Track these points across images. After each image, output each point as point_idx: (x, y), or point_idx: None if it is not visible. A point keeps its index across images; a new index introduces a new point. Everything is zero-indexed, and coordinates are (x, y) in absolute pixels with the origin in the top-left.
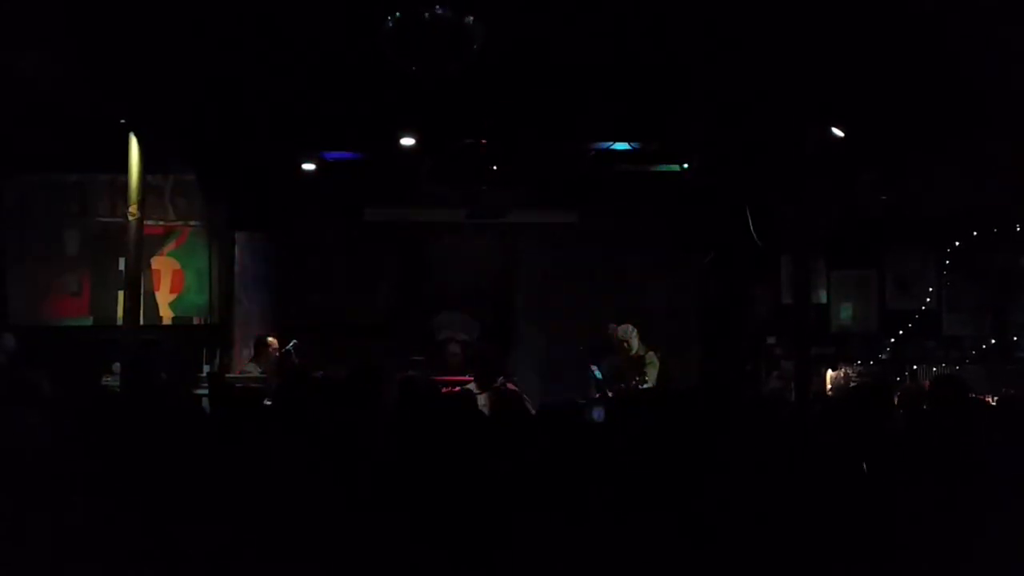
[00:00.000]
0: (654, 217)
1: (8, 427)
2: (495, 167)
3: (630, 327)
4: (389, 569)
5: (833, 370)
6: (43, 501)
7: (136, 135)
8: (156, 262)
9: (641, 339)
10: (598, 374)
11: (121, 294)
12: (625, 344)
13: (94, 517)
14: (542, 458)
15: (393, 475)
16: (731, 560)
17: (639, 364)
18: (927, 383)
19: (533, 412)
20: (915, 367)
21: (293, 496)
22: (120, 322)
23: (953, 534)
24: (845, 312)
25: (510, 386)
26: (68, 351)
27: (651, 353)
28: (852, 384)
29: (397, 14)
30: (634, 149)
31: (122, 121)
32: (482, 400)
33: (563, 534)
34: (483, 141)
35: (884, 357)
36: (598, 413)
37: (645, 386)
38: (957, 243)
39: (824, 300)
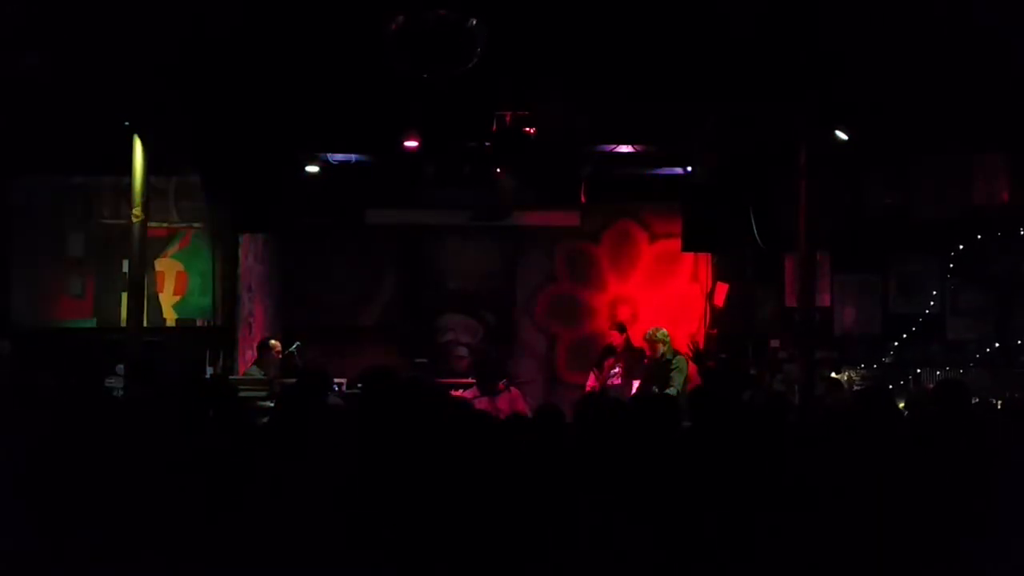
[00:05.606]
0: (657, 220)
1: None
2: (498, 169)
3: (662, 329)
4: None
5: (836, 374)
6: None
7: (140, 137)
8: (160, 264)
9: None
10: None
11: (125, 296)
12: (660, 346)
13: (96, 518)
14: (540, 461)
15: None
16: (732, 567)
17: (666, 368)
18: (930, 387)
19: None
20: (918, 371)
21: (297, 500)
22: (124, 324)
23: (960, 538)
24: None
25: (513, 389)
26: (72, 353)
27: (680, 357)
28: (856, 388)
29: (400, 17)
30: (637, 151)
31: (126, 123)
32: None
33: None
34: (486, 143)
35: (888, 361)
36: None
37: (670, 391)
38: (961, 247)
39: (827, 303)
